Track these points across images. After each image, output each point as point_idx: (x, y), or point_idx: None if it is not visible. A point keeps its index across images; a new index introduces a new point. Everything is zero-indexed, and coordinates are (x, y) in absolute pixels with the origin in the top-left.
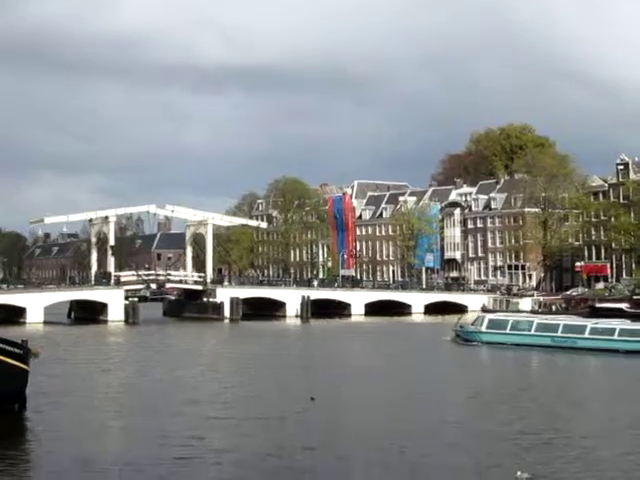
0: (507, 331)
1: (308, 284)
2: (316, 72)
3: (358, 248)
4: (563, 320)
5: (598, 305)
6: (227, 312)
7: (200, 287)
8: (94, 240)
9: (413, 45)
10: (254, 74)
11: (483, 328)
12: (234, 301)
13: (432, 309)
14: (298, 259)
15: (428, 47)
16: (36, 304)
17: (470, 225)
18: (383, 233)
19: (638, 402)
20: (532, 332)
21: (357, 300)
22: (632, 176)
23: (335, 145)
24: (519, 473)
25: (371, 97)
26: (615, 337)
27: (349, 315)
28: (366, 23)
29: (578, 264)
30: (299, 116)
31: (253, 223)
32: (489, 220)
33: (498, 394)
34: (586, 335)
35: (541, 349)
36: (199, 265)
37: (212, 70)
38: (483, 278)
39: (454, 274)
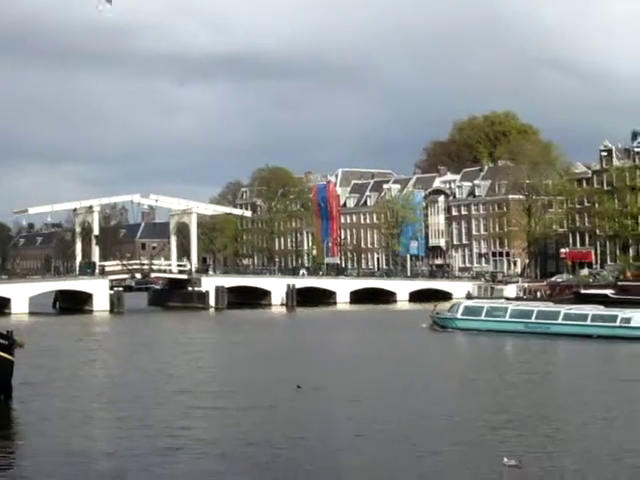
0: (482, 317)
1: (293, 272)
2: (303, 60)
3: (343, 236)
4: (537, 306)
5: (583, 291)
6: (212, 301)
7: (185, 276)
8: (78, 230)
9: (399, 33)
10: (241, 62)
11: (459, 315)
12: (219, 290)
13: (417, 297)
14: (283, 247)
15: (413, 35)
16: (21, 294)
17: (454, 212)
18: (367, 221)
19: (608, 385)
20: (506, 318)
21: (342, 288)
22: (615, 163)
23: (320, 133)
24: (506, 459)
25: (356, 85)
26: (588, 322)
27: (334, 303)
28: (353, 10)
29: (563, 250)
30: (285, 104)
31: (237, 212)
32: (473, 207)
33: (467, 379)
34: (559, 321)
35: (515, 335)
36: (184, 254)
37: (199, 59)
38: (468, 265)
39: (439, 261)
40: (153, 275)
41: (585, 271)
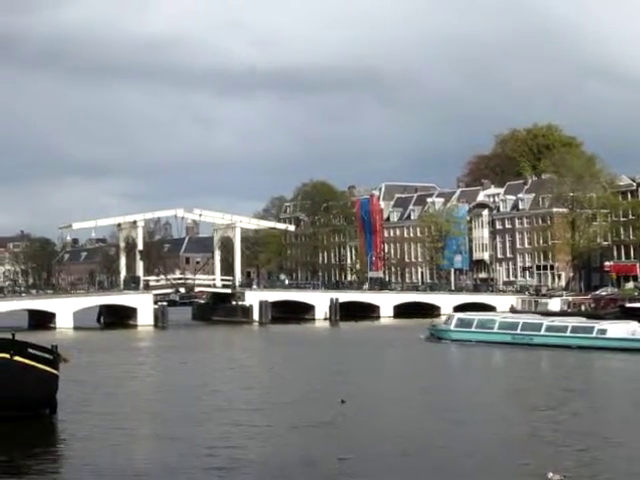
0: (473, 329)
1: (336, 286)
2: (347, 74)
3: (386, 250)
4: (523, 318)
5: (628, 305)
6: (256, 315)
7: (229, 290)
8: (122, 245)
9: (443, 46)
10: (284, 77)
11: (452, 327)
12: (263, 304)
13: (461, 310)
14: (326, 262)
15: (456, 48)
16: (65, 309)
17: (498, 226)
18: (411, 235)
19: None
20: (495, 330)
21: (386, 302)
22: None
23: (363, 147)
24: (550, 474)
25: (399, 98)
26: (568, 334)
27: (378, 317)
28: (396, 24)
29: (607, 264)
30: (329, 119)
31: (281, 226)
32: (517, 221)
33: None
34: (542, 332)
35: (502, 346)
36: (227, 268)
37: (242, 74)
38: (512, 279)
39: (483, 275)
40: (197, 289)
41: (630, 284)
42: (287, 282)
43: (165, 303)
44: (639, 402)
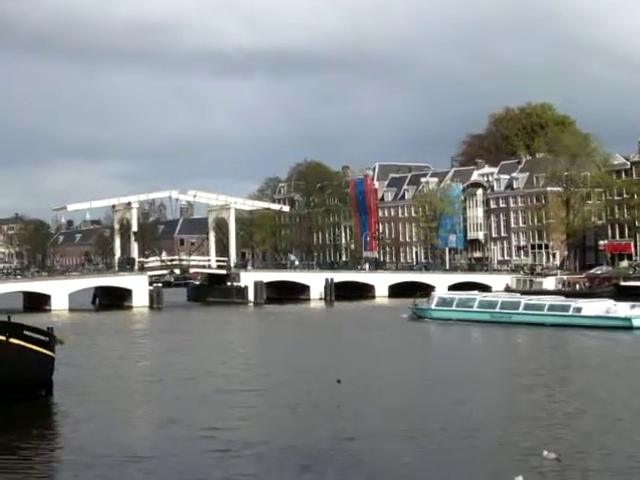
0: (453, 308)
1: (331, 267)
2: (340, 54)
3: (381, 230)
4: (501, 297)
5: (623, 284)
6: (251, 296)
7: (224, 271)
8: (117, 227)
9: (435, 25)
10: (278, 58)
11: (433, 305)
12: (258, 285)
13: (456, 289)
14: (321, 242)
15: (448, 28)
16: (60, 291)
17: (493, 205)
18: (405, 215)
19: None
20: (474, 309)
21: (381, 282)
22: None
23: (357, 128)
24: (545, 453)
25: (392, 78)
26: (544, 312)
27: (373, 297)
28: (391, 2)
29: (602, 242)
30: (322, 99)
31: (275, 207)
32: (511, 200)
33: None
34: (520, 310)
35: (482, 324)
36: (222, 250)
37: (235, 54)
38: (506, 258)
39: (477, 254)
40: (192, 271)
41: (625, 263)
42: (297, 262)
43: (160, 284)
44: (619, 377)
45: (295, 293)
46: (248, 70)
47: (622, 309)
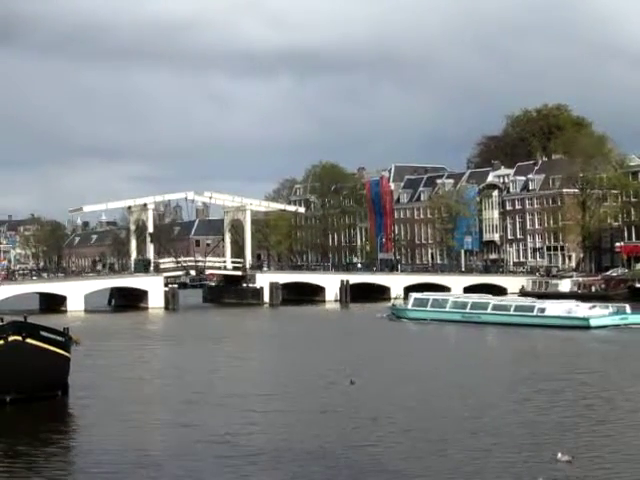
0: (428, 308)
1: (346, 268)
2: (363, 54)
3: (396, 232)
4: (472, 298)
5: (638, 285)
6: (267, 297)
7: (239, 273)
8: (133, 228)
9: (459, 25)
10: (301, 58)
11: (409, 306)
12: (273, 286)
13: (471, 291)
14: (336, 244)
15: (467, 29)
16: (76, 292)
17: (508, 207)
18: (421, 216)
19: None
20: (447, 309)
21: (396, 284)
22: None
23: (376, 128)
24: (560, 455)
25: (414, 79)
26: (511, 312)
27: (389, 299)
28: (413, 3)
29: (618, 244)
30: (344, 100)
31: (291, 208)
32: (527, 202)
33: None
34: (489, 311)
35: (454, 323)
36: (238, 251)
37: (258, 55)
38: (522, 260)
39: (493, 256)
40: (207, 272)
41: None
42: (359, 265)
43: (176, 286)
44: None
45: (310, 295)
46: (271, 70)
47: (582, 310)
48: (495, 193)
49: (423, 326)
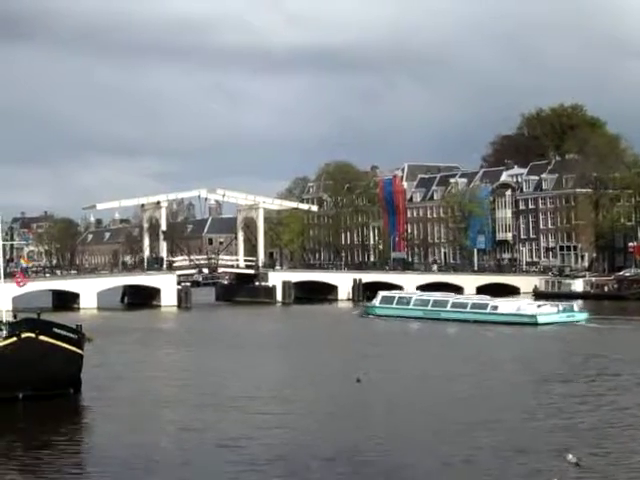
0: (393, 305)
1: (359, 267)
2: (380, 53)
3: (409, 230)
4: (433, 296)
5: None
6: (279, 296)
7: (252, 271)
8: (146, 225)
9: (476, 24)
10: (318, 56)
11: (377, 303)
12: (286, 285)
13: (484, 291)
14: (349, 242)
15: (483, 29)
16: (89, 289)
17: (521, 206)
18: (434, 215)
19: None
20: (410, 306)
21: (409, 282)
22: None
23: (387, 127)
24: (570, 456)
25: (425, 77)
26: (468, 310)
27: None
28: (430, 1)
29: (631, 244)
30: (361, 98)
31: (304, 207)
32: (540, 201)
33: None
34: (448, 308)
35: (416, 320)
36: (250, 249)
37: (275, 53)
38: (535, 259)
39: (506, 255)
40: (220, 270)
41: None
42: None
43: (188, 284)
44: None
45: (323, 293)
46: (289, 68)
47: (530, 308)
48: (508, 192)
49: (388, 322)
